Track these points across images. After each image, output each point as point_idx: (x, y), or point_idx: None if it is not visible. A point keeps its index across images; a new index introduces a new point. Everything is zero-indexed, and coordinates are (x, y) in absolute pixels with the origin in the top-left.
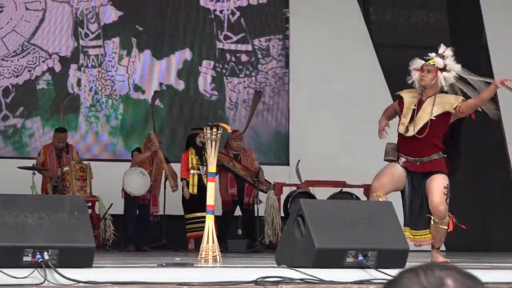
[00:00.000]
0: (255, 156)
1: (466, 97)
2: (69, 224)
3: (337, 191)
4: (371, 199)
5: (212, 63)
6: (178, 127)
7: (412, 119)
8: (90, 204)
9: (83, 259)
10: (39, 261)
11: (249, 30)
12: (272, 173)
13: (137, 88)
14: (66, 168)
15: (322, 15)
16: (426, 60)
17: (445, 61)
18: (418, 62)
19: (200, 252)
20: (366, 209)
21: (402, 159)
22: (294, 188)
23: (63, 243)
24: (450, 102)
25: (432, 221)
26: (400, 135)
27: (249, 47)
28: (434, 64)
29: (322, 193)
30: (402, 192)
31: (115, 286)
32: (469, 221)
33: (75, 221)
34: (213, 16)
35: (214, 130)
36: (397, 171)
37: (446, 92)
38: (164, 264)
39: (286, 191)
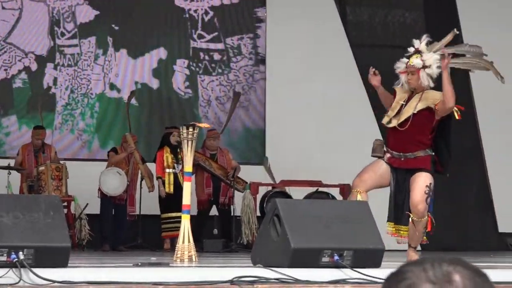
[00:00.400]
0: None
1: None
2: (45, 224)
3: (313, 191)
4: (350, 196)
5: (186, 61)
6: (153, 125)
7: (398, 113)
8: (65, 203)
9: (58, 259)
10: (14, 260)
11: (222, 29)
12: (248, 173)
13: (112, 86)
14: (42, 168)
15: (298, 15)
16: (408, 57)
17: (423, 57)
18: (402, 64)
19: (175, 251)
20: (342, 208)
21: (387, 155)
22: (270, 187)
23: (39, 242)
24: (434, 98)
25: (410, 219)
26: (388, 129)
27: (222, 46)
28: (413, 65)
29: (298, 193)
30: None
31: (90, 286)
32: (445, 221)
33: (51, 220)
34: (187, 16)
35: (191, 129)
36: (382, 168)
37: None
38: (140, 263)
39: (262, 190)
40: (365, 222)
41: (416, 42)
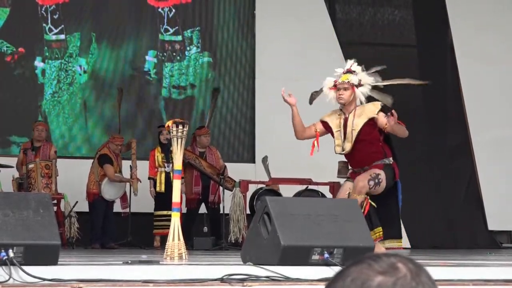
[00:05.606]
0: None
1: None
2: (35, 222)
3: (303, 189)
4: None
5: (155, 52)
6: (130, 110)
7: (344, 138)
8: (55, 201)
9: (48, 257)
10: (4, 258)
11: (181, 24)
12: (238, 171)
13: (97, 78)
14: (31, 166)
15: (288, 13)
16: (337, 78)
17: (358, 76)
18: (330, 81)
19: (165, 249)
20: (332, 206)
21: (350, 171)
22: (260, 185)
23: (29, 240)
24: (370, 110)
25: (347, 194)
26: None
27: (180, 38)
28: (348, 81)
29: (288, 191)
30: None
31: (80, 283)
32: (434, 219)
33: (40, 218)
34: (156, 13)
35: (180, 127)
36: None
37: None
38: (129, 261)
39: (252, 188)
40: (355, 220)
41: (348, 63)
